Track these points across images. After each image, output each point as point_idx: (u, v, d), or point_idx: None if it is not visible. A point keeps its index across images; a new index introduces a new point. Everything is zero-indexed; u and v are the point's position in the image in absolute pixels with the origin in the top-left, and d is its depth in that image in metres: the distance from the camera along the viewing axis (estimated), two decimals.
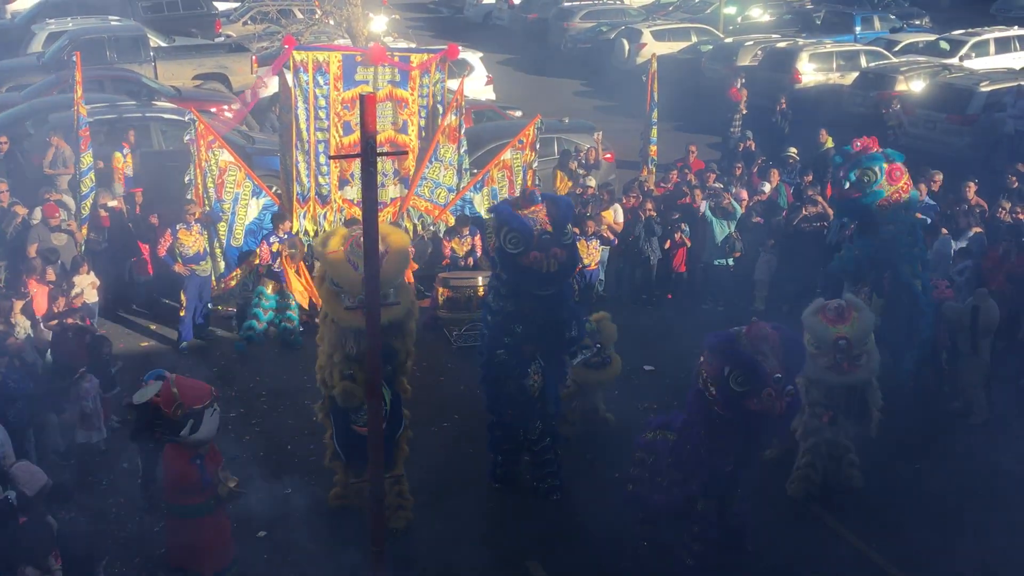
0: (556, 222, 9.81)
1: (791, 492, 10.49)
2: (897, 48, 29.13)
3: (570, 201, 11.00)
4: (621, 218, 15.68)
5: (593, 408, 11.85)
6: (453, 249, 15.04)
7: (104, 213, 14.45)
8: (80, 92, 14.21)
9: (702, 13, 37.09)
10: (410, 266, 11.28)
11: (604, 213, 15.42)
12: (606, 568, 9.52)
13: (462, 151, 15.89)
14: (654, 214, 15.35)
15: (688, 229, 15.24)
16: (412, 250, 12.31)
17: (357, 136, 10.77)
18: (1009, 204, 14.40)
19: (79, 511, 9.90)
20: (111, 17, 26.85)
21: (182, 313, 13.71)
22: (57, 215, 13.70)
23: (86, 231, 14.25)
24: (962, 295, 12.68)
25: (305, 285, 13.74)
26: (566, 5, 37.69)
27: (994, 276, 12.83)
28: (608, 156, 18.99)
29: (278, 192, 15.19)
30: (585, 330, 10.54)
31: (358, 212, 14.37)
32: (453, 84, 16.12)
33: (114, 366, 11.68)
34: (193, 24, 30.05)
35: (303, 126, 14.49)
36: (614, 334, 11.77)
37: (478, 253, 15.03)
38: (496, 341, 10.03)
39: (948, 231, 14.11)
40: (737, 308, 15.11)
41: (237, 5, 34.75)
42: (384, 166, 14.93)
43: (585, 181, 16.91)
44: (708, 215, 15.11)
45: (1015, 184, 15.62)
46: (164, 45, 25.99)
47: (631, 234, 15.33)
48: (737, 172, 17.31)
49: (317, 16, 24.73)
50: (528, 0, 39.99)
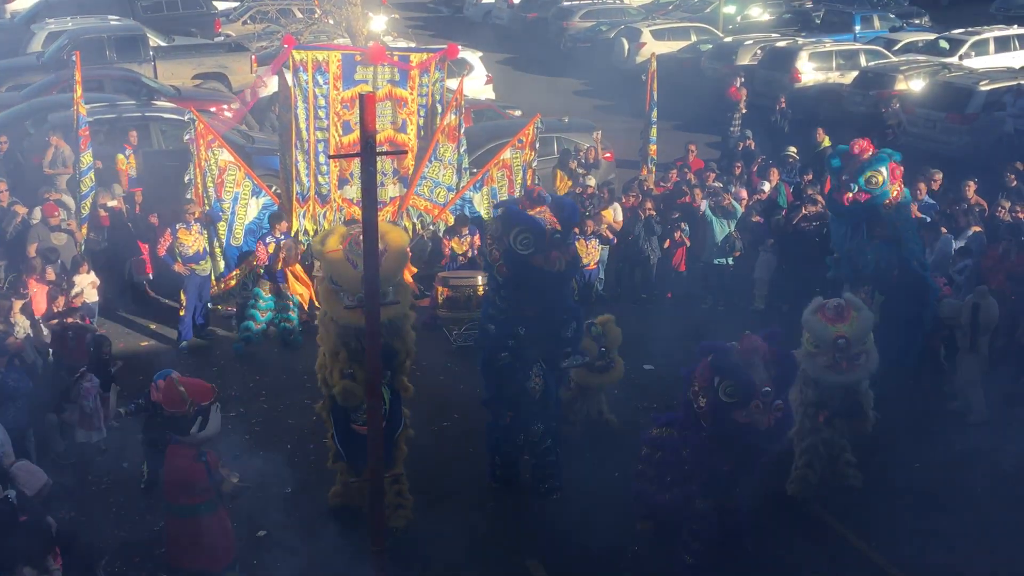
0: (563, 223, 9.84)
1: (791, 492, 10.50)
2: (897, 47, 29.16)
3: (575, 203, 11.03)
4: (620, 217, 15.70)
5: (597, 410, 11.84)
6: (453, 248, 15.07)
7: (104, 213, 14.48)
8: (80, 92, 14.22)
9: (702, 12, 37.10)
10: (408, 267, 11.26)
11: (604, 212, 15.43)
12: (606, 567, 9.52)
13: (462, 150, 15.90)
14: (654, 213, 15.36)
15: (688, 228, 15.25)
16: (410, 252, 12.30)
17: (356, 135, 10.76)
18: (1009, 203, 14.42)
19: (79, 511, 9.92)
20: (110, 17, 26.85)
21: (182, 313, 13.73)
22: (57, 215, 13.72)
23: (86, 231, 14.27)
24: (962, 294, 12.69)
25: (303, 285, 13.75)
26: (565, 4, 37.66)
27: (994, 275, 12.84)
28: (608, 155, 19.01)
29: (278, 192, 15.19)
30: (583, 332, 10.50)
31: (357, 211, 14.38)
32: (453, 83, 16.13)
33: (114, 366, 11.69)
34: (192, 23, 30.06)
35: (302, 125, 14.49)
36: (619, 337, 11.73)
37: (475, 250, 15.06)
38: (499, 344, 10.00)
39: (947, 230, 14.12)
40: (737, 307, 15.18)
41: (236, 4, 34.75)
42: (383, 165, 14.94)
43: (585, 180, 16.92)
44: (708, 214, 15.11)
45: (1014, 183, 15.63)
46: (163, 44, 26.02)
47: (631, 233, 15.34)
48: (737, 171, 17.32)
49: (316, 15, 24.73)
50: None
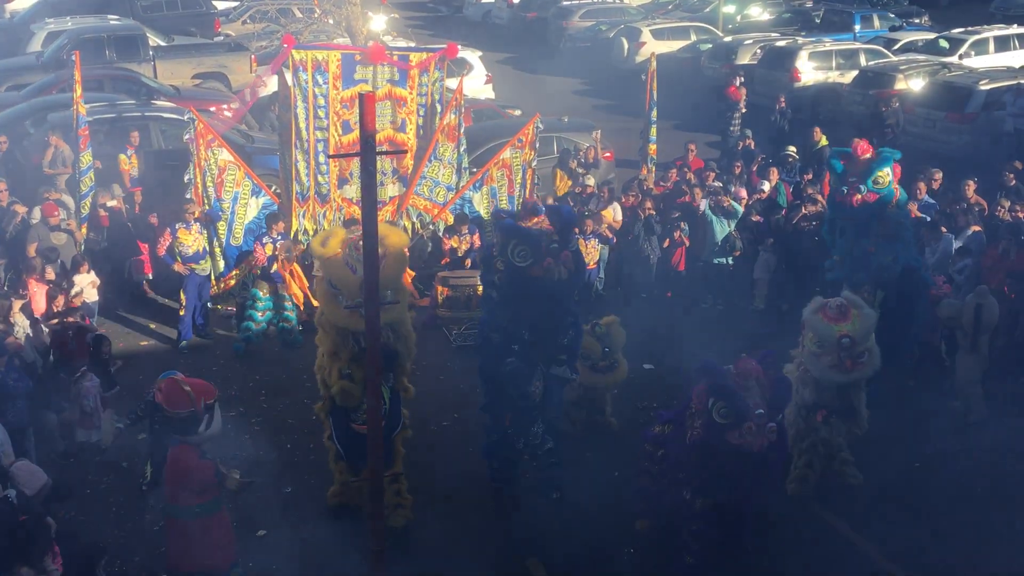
0: (561, 231, 9.84)
1: (790, 492, 10.49)
2: (896, 47, 29.18)
3: (572, 210, 11.02)
4: (620, 216, 15.70)
5: (600, 412, 11.83)
6: (453, 248, 15.07)
7: (103, 213, 14.47)
8: (79, 91, 14.22)
9: (701, 12, 37.15)
10: (407, 272, 11.21)
11: (604, 212, 15.43)
12: (606, 567, 9.52)
13: (461, 150, 15.90)
14: (653, 213, 15.35)
15: (687, 228, 15.25)
16: (407, 254, 12.29)
17: (356, 135, 10.77)
18: (1008, 202, 14.42)
19: (79, 511, 9.92)
20: (110, 16, 26.86)
21: (182, 312, 13.74)
22: (56, 214, 13.72)
23: (85, 230, 14.26)
24: (961, 293, 12.67)
25: (301, 286, 13.73)
26: (565, 4, 37.66)
27: (994, 274, 12.84)
28: (607, 155, 19.01)
29: (277, 191, 15.19)
30: (580, 344, 10.48)
31: (357, 211, 14.38)
32: (452, 83, 16.13)
33: (114, 366, 11.69)
34: (192, 23, 30.06)
35: (302, 125, 14.48)
36: (623, 338, 11.70)
37: (475, 249, 15.05)
38: (504, 350, 9.93)
39: (947, 230, 14.12)
40: (737, 307, 15.18)
41: (236, 4, 34.77)
42: (383, 165, 14.94)
43: (584, 180, 16.92)
44: (708, 214, 15.10)
45: (1013, 182, 15.62)
46: (163, 44, 26.02)
47: (630, 233, 15.33)
48: (736, 171, 17.32)
49: (316, 15, 24.76)
50: None
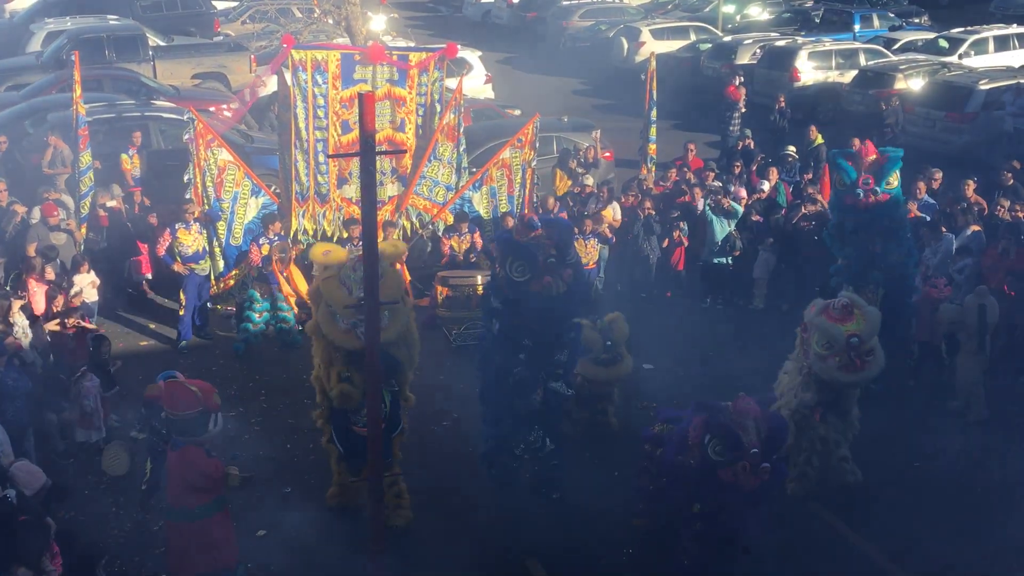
0: (559, 244, 9.82)
1: (790, 491, 10.46)
2: (896, 46, 29.16)
3: (569, 223, 11.03)
4: (619, 216, 15.68)
5: (602, 412, 11.82)
6: (452, 247, 15.07)
7: (103, 213, 14.46)
8: (79, 91, 14.21)
9: (701, 11, 37.10)
10: (407, 287, 11.08)
11: (604, 212, 15.42)
12: (605, 567, 9.52)
13: (461, 150, 15.91)
14: (653, 212, 15.35)
15: (686, 228, 15.24)
16: (404, 269, 12.30)
17: (355, 135, 10.78)
18: (1008, 202, 14.41)
19: (79, 511, 9.92)
20: (110, 16, 26.81)
21: (181, 312, 13.73)
22: (56, 214, 13.71)
23: (85, 230, 14.26)
24: (961, 293, 12.68)
25: (295, 287, 13.70)
26: (565, 4, 37.63)
27: (993, 274, 12.84)
28: (607, 155, 18.99)
29: (277, 191, 15.19)
30: (576, 362, 10.46)
31: (356, 210, 14.39)
32: (452, 83, 16.13)
33: (113, 366, 11.68)
34: (192, 23, 30.02)
35: (301, 125, 14.49)
36: (625, 332, 11.70)
37: (478, 247, 15.04)
38: (510, 358, 9.92)
39: (946, 229, 14.10)
40: (736, 306, 15.18)
41: (236, 4, 34.75)
42: (382, 164, 14.94)
43: (583, 180, 16.91)
44: (708, 214, 15.09)
45: (1010, 181, 15.61)
46: (163, 44, 26.00)
47: (630, 233, 15.33)
48: (736, 170, 17.30)
49: (316, 15, 24.73)
50: None
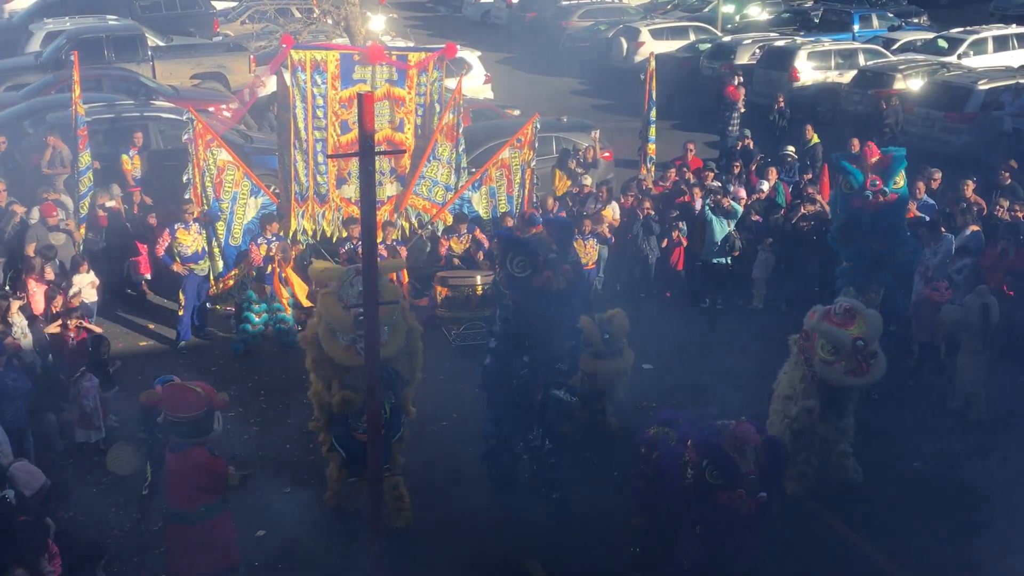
0: (559, 242, 9.86)
1: (790, 491, 10.45)
2: (895, 46, 29.19)
3: (568, 222, 11.04)
4: (619, 216, 15.68)
5: (601, 412, 11.82)
6: (451, 247, 15.06)
7: (102, 213, 14.46)
8: (78, 91, 14.21)
9: (700, 11, 37.15)
10: (405, 301, 11.05)
11: (603, 212, 15.42)
12: (605, 567, 9.51)
13: (460, 150, 15.90)
14: (652, 212, 15.35)
15: (685, 228, 15.24)
16: (405, 282, 12.26)
17: (355, 135, 10.81)
18: (1007, 202, 14.41)
19: (78, 511, 9.91)
20: (109, 16, 26.82)
21: (180, 312, 13.73)
22: (55, 214, 13.70)
23: (84, 230, 14.25)
24: (961, 293, 12.69)
25: (292, 289, 13.68)
26: (564, 4, 37.66)
27: (993, 274, 12.85)
28: (606, 155, 18.99)
29: (276, 191, 15.19)
30: (578, 368, 10.50)
31: (356, 210, 14.39)
32: (451, 83, 16.12)
33: (113, 365, 11.68)
34: (191, 23, 30.04)
35: (301, 125, 14.49)
36: (626, 327, 11.74)
37: (486, 246, 14.99)
38: (515, 361, 9.93)
39: (946, 229, 14.10)
40: (735, 307, 15.19)
41: (235, 4, 34.77)
42: (381, 164, 14.93)
43: (581, 180, 16.91)
44: (708, 214, 15.09)
45: (1008, 180, 15.62)
46: (162, 44, 26.00)
47: (629, 233, 15.33)
48: (735, 170, 17.31)
49: (315, 15, 24.68)
50: None
